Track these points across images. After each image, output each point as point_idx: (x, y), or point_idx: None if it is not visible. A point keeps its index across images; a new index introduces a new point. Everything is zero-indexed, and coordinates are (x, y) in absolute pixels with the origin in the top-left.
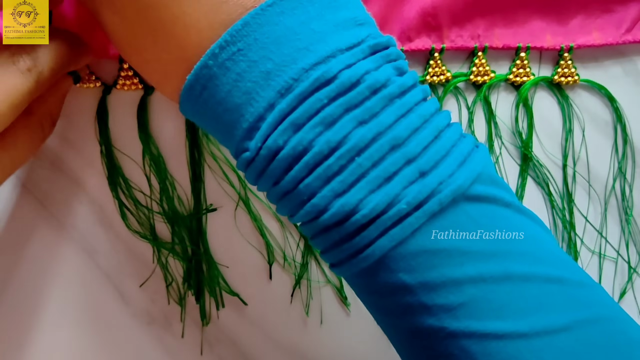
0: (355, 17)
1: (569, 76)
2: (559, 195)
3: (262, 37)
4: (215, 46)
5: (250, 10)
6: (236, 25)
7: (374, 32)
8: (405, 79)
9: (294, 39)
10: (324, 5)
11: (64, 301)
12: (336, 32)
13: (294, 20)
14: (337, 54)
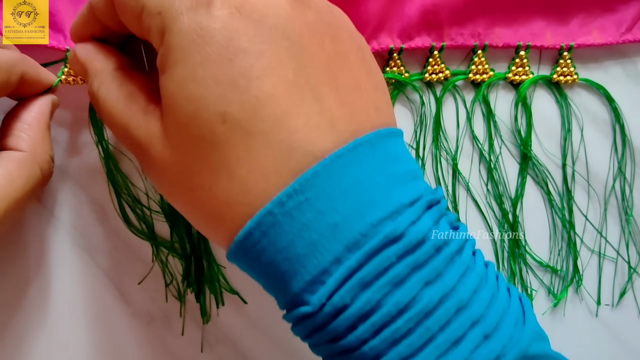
0: (411, 171)
1: (568, 75)
2: (558, 195)
3: (330, 187)
4: (283, 194)
5: (319, 160)
6: (306, 174)
7: (427, 186)
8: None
9: (361, 191)
10: (384, 157)
11: (64, 300)
12: (397, 186)
13: (360, 172)
14: (401, 209)
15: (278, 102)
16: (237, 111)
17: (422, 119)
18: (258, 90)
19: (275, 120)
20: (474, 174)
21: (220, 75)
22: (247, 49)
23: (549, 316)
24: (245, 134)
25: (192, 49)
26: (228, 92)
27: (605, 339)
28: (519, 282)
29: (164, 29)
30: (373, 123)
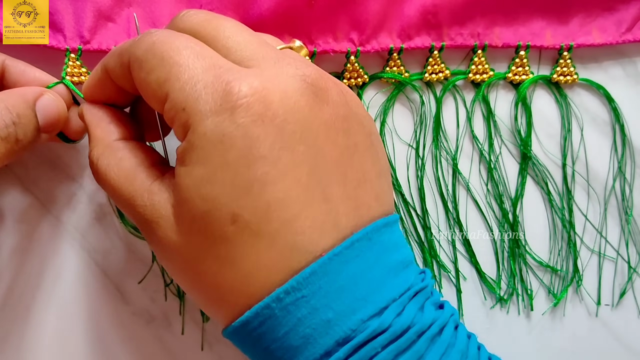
0: (403, 259)
1: (568, 75)
2: (558, 195)
3: (326, 285)
4: (281, 290)
5: (318, 258)
6: (304, 272)
7: (416, 272)
8: (443, 315)
9: (354, 288)
10: (380, 250)
11: (64, 300)
12: (389, 279)
13: (355, 269)
14: (391, 303)
15: (288, 206)
16: (248, 214)
17: (422, 118)
18: (271, 196)
19: (283, 224)
20: (474, 173)
21: (237, 180)
22: (265, 156)
23: (549, 316)
24: (253, 235)
25: (214, 153)
26: (242, 195)
27: (605, 339)
28: (519, 282)
29: (188, 126)
30: (373, 214)
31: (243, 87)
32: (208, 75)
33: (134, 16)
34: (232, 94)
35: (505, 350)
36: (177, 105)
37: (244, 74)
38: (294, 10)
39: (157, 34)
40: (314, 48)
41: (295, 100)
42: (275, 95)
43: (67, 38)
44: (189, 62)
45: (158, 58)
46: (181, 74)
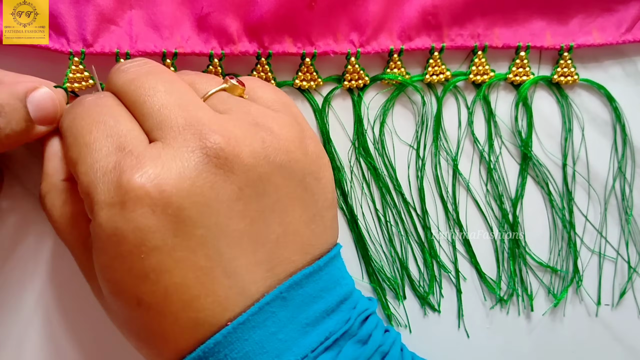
0: (326, 308)
1: (569, 76)
2: (558, 195)
3: (232, 352)
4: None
5: (221, 329)
6: (208, 343)
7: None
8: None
9: (261, 352)
10: (295, 306)
11: (64, 300)
12: (304, 335)
13: (262, 333)
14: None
15: (187, 290)
16: (148, 298)
17: (423, 119)
18: (168, 281)
19: (184, 304)
20: (474, 174)
21: (133, 270)
22: (158, 246)
23: (549, 317)
24: (158, 314)
25: (109, 245)
26: (140, 283)
27: (605, 339)
28: (519, 282)
29: (91, 212)
30: (293, 268)
31: (134, 179)
32: (109, 160)
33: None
34: (121, 187)
35: (505, 350)
36: (83, 190)
37: (140, 161)
38: (294, 12)
39: (82, 104)
40: (314, 50)
41: (191, 182)
42: (169, 181)
43: (70, 41)
44: (96, 144)
45: (73, 136)
46: (87, 157)
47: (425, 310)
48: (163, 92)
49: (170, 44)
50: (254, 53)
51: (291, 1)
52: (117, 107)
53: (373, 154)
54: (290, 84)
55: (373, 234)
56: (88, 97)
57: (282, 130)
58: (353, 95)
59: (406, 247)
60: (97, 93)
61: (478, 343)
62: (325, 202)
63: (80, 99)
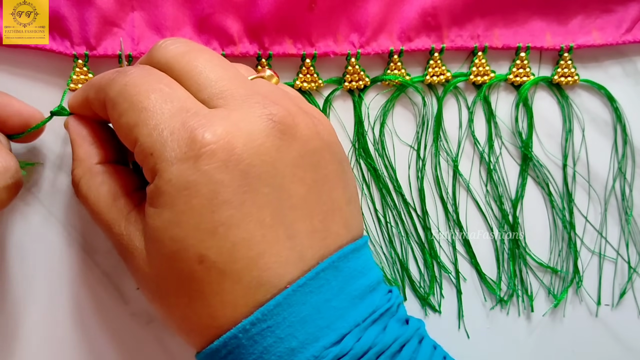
0: (370, 283)
1: (569, 76)
2: (559, 195)
3: (290, 316)
4: (247, 322)
5: (282, 291)
6: (268, 305)
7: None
8: (407, 331)
9: (318, 317)
10: (346, 277)
11: (64, 300)
12: (353, 305)
13: (319, 299)
14: (353, 329)
15: (253, 245)
16: (214, 254)
17: (423, 120)
18: (235, 237)
19: (248, 262)
20: (474, 174)
21: (202, 224)
22: (229, 200)
23: (549, 317)
24: (220, 274)
25: (179, 199)
26: (207, 238)
27: (605, 339)
28: (519, 283)
29: (155, 171)
30: (341, 242)
31: (207, 135)
32: (175, 120)
33: (120, 41)
34: (196, 141)
35: (505, 351)
36: (145, 151)
37: (209, 120)
38: (295, 13)
39: (130, 74)
40: (314, 51)
41: (260, 142)
42: (240, 139)
43: (74, 44)
44: (157, 107)
45: (128, 102)
46: (149, 120)
47: (425, 311)
48: (219, 66)
49: None
50: (254, 54)
51: (291, 2)
52: (167, 77)
53: (373, 154)
54: (291, 85)
55: (373, 234)
56: (130, 68)
57: (322, 118)
58: (353, 96)
59: (406, 248)
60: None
61: (478, 344)
62: (355, 190)
63: (123, 70)
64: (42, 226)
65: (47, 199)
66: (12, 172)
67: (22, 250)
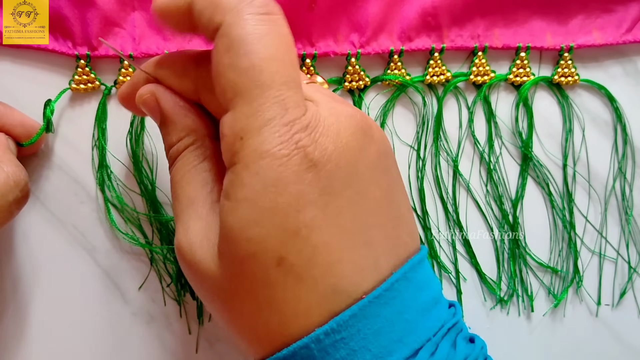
0: (434, 295)
1: (569, 76)
2: (559, 195)
3: (364, 328)
4: (320, 332)
5: (357, 301)
6: (343, 315)
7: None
8: (475, 350)
9: (390, 330)
10: (415, 289)
11: (64, 300)
12: (423, 318)
13: (392, 311)
14: (425, 343)
15: (333, 250)
16: (293, 258)
17: (423, 120)
18: (318, 240)
19: (327, 268)
20: (474, 174)
21: (285, 224)
22: (315, 201)
23: (549, 317)
24: (297, 279)
25: (265, 195)
26: (289, 240)
27: (605, 339)
28: (519, 283)
29: (239, 158)
30: (409, 251)
31: (303, 136)
32: (279, 109)
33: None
34: (292, 141)
35: (505, 351)
36: (237, 130)
37: (306, 117)
38: (295, 13)
39: (263, 23)
40: (314, 51)
41: (346, 141)
42: (330, 140)
43: (77, 44)
44: (272, 88)
45: (248, 62)
46: (256, 99)
47: None
48: None
49: (172, 46)
50: None
51: (291, 2)
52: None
53: None
54: None
55: None
56: (262, 8)
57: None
58: (354, 96)
59: None
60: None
61: None
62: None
63: (254, 6)
64: (42, 226)
65: (48, 198)
66: (22, 185)
67: (23, 250)
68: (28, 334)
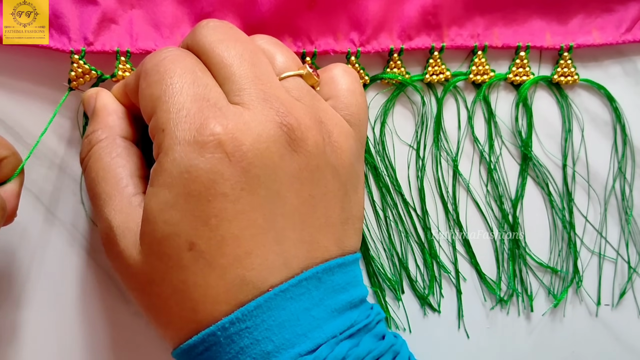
0: (352, 300)
1: (569, 76)
2: (558, 195)
3: (269, 319)
4: (226, 320)
5: (264, 293)
6: (249, 305)
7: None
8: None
9: (296, 324)
10: (327, 290)
11: (64, 300)
12: (331, 318)
13: (299, 306)
14: (329, 339)
15: (241, 243)
16: (203, 244)
17: (423, 119)
18: (226, 231)
19: (235, 258)
20: (474, 174)
21: (197, 211)
22: (226, 193)
23: (549, 317)
24: (206, 265)
25: (179, 181)
26: (200, 226)
27: (605, 339)
28: (519, 283)
29: (162, 148)
30: (329, 256)
31: (217, 126)
32: (194, 105)
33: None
34: (206, 129)
35: (505, 351)
36: (159, 125)
37: (224, 113)
38: (294, 11)
39: (170, 51)
40: (314, 49)
41: (266, 146)
42: (248, 138)
43: (72, 40)
44: (183, 88)
45: (159, 75)
46: (171, 97)
47: (425, 311)
48: (248, 62)
49: (170, 43)
50: None
51: (291, 0)
52: (201, 63)
53: (373, 154)
54: None
55: (373, 234)
56: (170, 48)
57: (339, 138)
58: None
59: (406, 248)
60: (177, 48)
61: (478, 344)
62: (357, 213)
63: (163, 50)
64: (43, 226)
65: (48, 198)
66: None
67: (23, 250)
68: (28, 334)
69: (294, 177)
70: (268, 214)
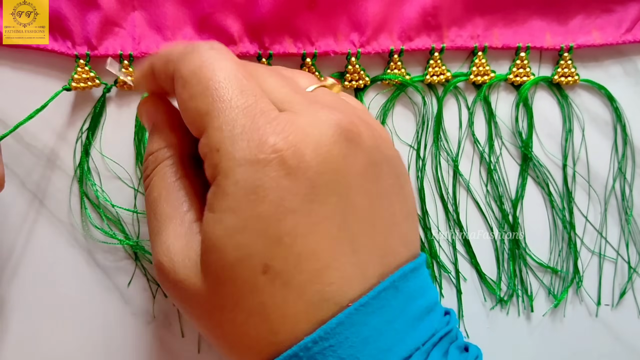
0: (428, 304)
1: (569, 76)
2: (559, 195)
3: (352, 336)
4: (309, 340)
5: (345, 309)
6: (331, 322)
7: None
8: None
9: (379, 339)
10: (405, 298)
11: (64, 300)
12: (413, 328)
13: (380, 320)
14: (414, 352)
15: (319, 257)
16: (279, 265)
17: (423, 120)
18: (302, 247)
19: (314, 274)
20: (474, 174)
21: (268, 231)
22: (296, 209)
23: (549, 317)
24: (284, 285)
25: (246, 203)
26: (274, 247)
27: (605, 339)
28: (519, 283)
29: (219, 169)
30: (400, 261)
31: (278, 141)
32: (247, 119)
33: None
34: (267, 145)
35: (505, 351)
36: (212, 145)
37: (280, 123)
38: (295, 12)
39: (207, 54)
40: (314, 50)
41: (328, 149)
42: (309, 146)
43: (76, 44)
44: (232, 99)
45: (202, 86)
46: (221, 112)
47: None
48: (278, 75)
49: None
50: (254, 54)
51: (291, 1)
52: (239, 62)
53: None
54: None
55: None
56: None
57: (382, 131)
58: (354, 95)
59: None
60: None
61: (478, 343)
62: (413, 205)
63: (198, 46)
64: (42, 226)
65: (48, 198)
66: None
67: (23, 250)
68: (27, 334)
69: (360, 176)
70: (341, 222)
